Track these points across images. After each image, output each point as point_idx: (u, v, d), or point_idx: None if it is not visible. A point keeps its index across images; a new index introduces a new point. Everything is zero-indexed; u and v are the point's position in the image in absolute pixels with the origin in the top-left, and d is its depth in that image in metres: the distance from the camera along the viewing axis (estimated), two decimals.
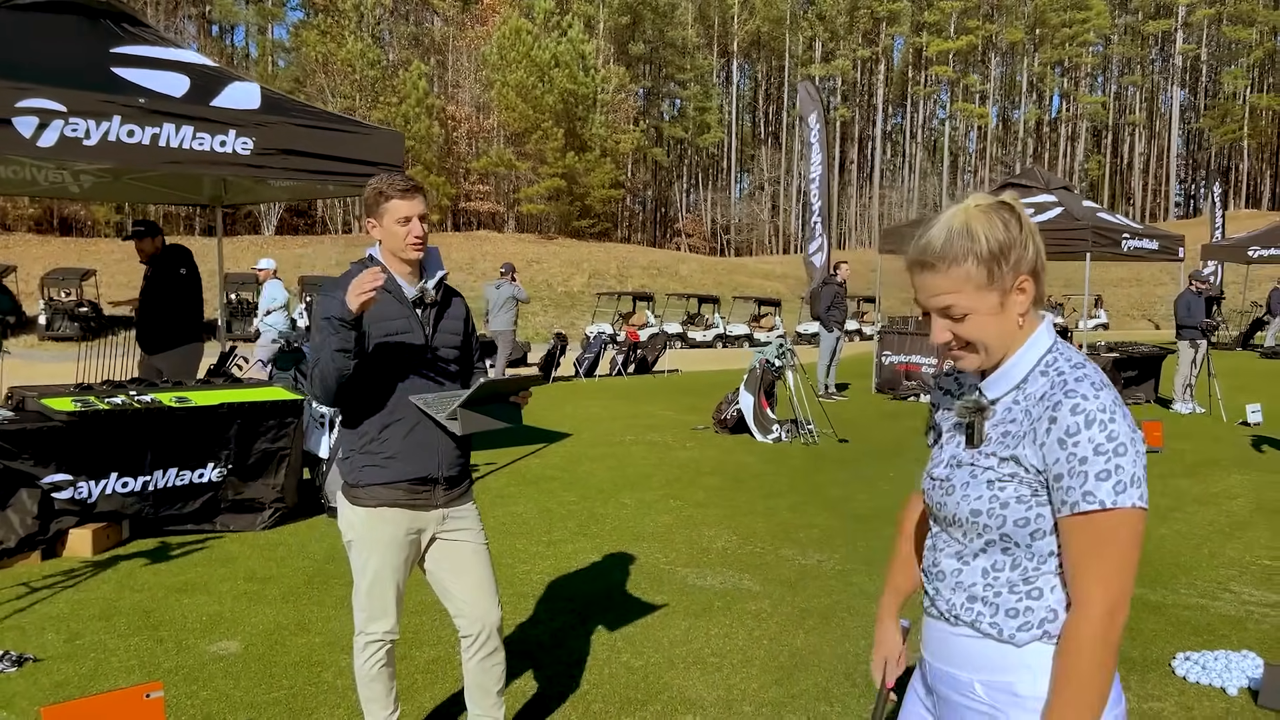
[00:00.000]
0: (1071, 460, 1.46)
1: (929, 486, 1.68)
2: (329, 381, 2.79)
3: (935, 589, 1.65)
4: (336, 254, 42.19)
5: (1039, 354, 1.57)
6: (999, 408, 1.58)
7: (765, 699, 3.73)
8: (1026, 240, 1.54)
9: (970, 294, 1.53)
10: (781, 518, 6.60)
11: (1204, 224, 30.57)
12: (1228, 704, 3.75)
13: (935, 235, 1.55)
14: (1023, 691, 1.52)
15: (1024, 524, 1.52)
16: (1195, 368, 12.53)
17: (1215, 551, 5.92)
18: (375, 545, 2.90)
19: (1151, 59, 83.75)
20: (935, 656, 1.66)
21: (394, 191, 2.83)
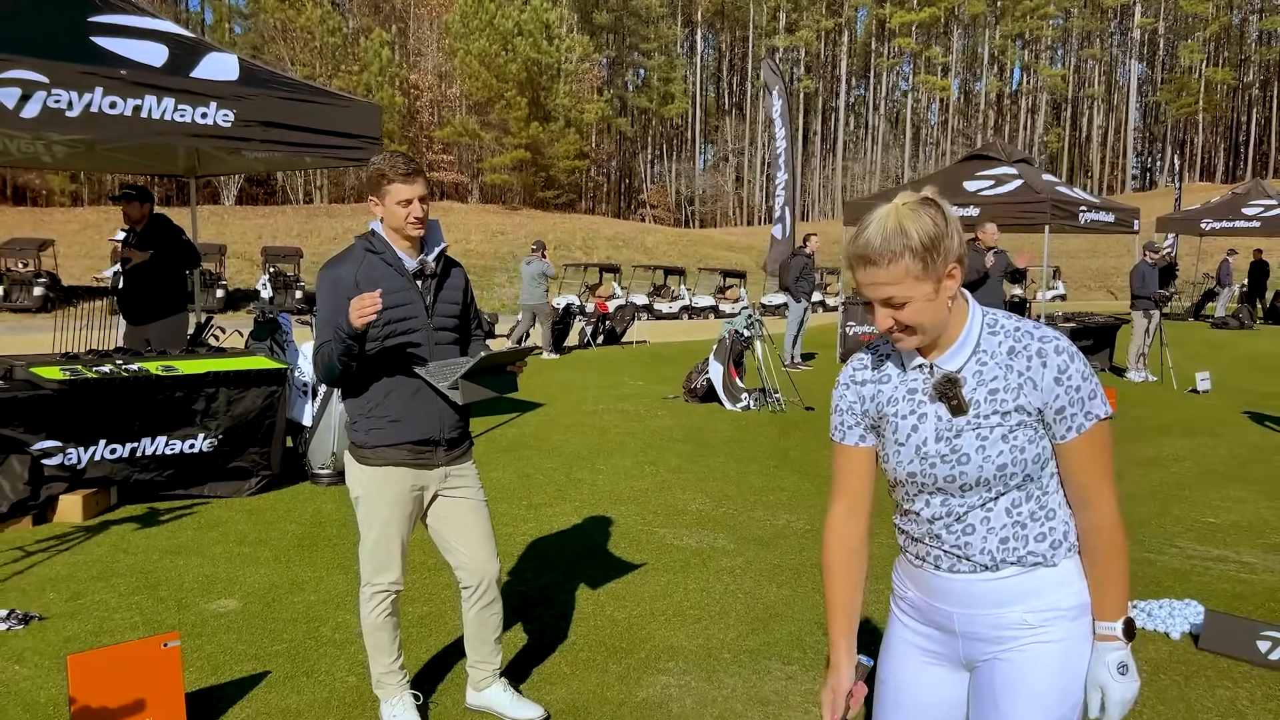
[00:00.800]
0: (1070, 392, 1.74)
1: (922, 466, 1.81)
2: (333, 373, 2.99)
3: (962, 548, 1.82)
4: (298, 224, 41.79)
5: (979, 322, 1.80)
6: (966, 374, 1.78)
7: (743, 647, 3.96)
8: (952, 232, 1.72)
9: (909, 284, 1.71)
10: (751, 481, 6.84)
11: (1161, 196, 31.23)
12: (1171, 647, 4.04)
13: (873, 234, 1.71)
14: (1063, 604, 1.79)
15: (1038, 459, 1.77)
16: (1148, 337, 12.94)
17: (1163, 510, 6.24)
18: (381, 502, 3.07)
19: (1111, 32, 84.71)
20: (970, 606, 1.83)
21: (396, 175, 2.97)
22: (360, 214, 47.42)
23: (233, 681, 3.55)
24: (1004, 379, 1.76)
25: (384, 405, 3.05)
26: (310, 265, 31.51)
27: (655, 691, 3.55)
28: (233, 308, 25.12)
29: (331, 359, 2.93)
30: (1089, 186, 78.46)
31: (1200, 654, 3.96)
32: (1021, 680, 1.78)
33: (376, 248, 3.08)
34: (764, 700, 3.48)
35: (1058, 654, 1.78)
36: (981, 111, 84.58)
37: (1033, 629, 1.79)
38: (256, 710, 3.34)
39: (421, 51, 66.14)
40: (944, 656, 1.92)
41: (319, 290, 3.05)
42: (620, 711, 3.39)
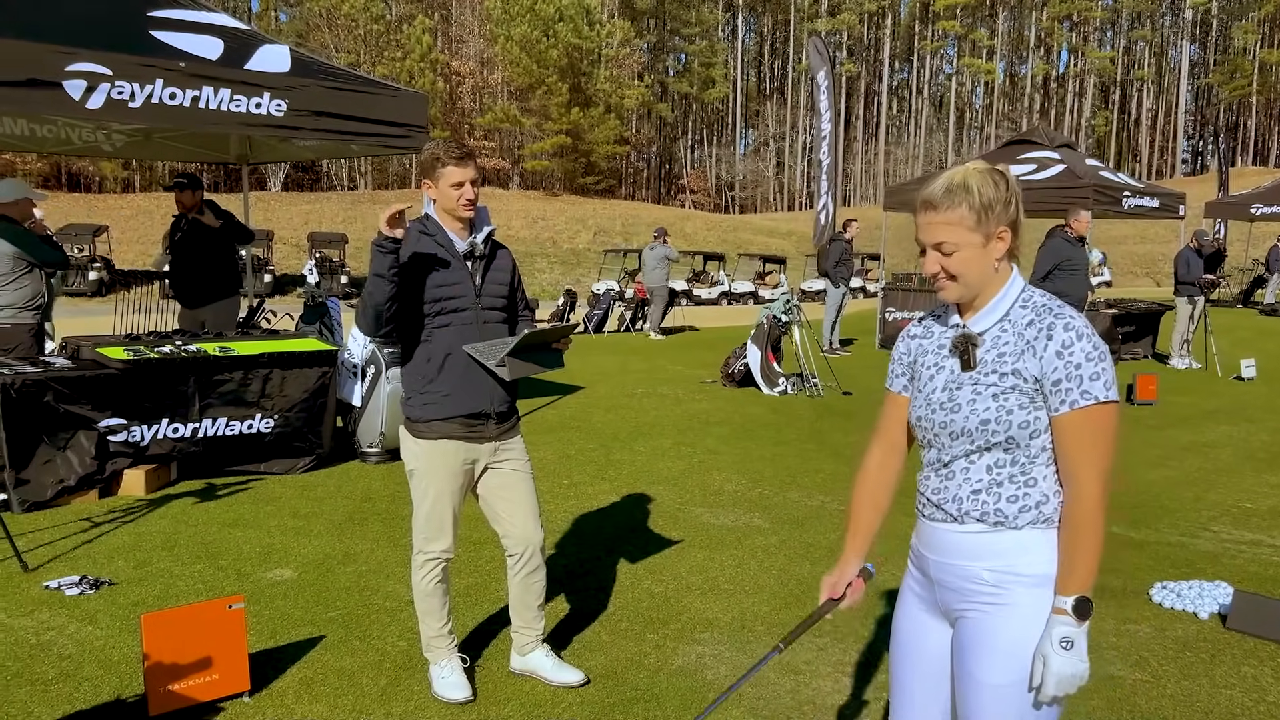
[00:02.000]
0: (1069, 366, 1.83)
1: (927, 411, 1.99)
2: (372, 309, 3.13)
3: (939, 493, 1.99)
4: (343, 211, 42.35)
5: (1017, 293, 1.94)
6: (987, 337, 1.94)
7: (775, 620, 4.10)
8: (1010, 200, 1.90)
9: (960, 233, 1.89)
10: (788, 464, 6.96)
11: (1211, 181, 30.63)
12: (1199, 627, 4.11)
13: (940, 184, 1.92)
14: (1023, 570, 1.88)
15: (1025, 426, 1.87)
16: (1192, 324, 12.83)
17: (1199, 496, 6.27)
18: (435, 474, 3.25)
19: (1162, 13, 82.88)
20: (942, 554, 1.99)
21: (449, 158, 3.14)
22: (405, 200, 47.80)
23: (291, 644, 3.76)
24: (1013, 345, 1.90)
25: (438, 381, 3.21)
26: (355, 251, 31.97)
27: (690, 660, 3.70)
28: (280, 292, 25.62)
29: (369, 290, 3.08)
30: (1137, 171, 77.03)
31: (1227, 633, 4.03)
32: (983, 638, 1.90)
33: (429, 230, 3.25)
34: (795, 670, 3.62)
35: (1017, 618, 1.87)
36: (1027, 95, 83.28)
37: (992, 587, 1.90)
38: (313, 671, 3.54)
39: (463, 38, 66.46)
40: (930, 604, 2.07)
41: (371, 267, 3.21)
42: (656, 678, 3.55)
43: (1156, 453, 7.52)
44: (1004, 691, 1.88)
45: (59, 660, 3.56)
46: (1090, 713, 3.32)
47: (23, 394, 5.29)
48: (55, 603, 4.08)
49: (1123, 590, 4.51)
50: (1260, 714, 3.35)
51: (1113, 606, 4.29)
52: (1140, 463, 7.15)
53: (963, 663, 1.95)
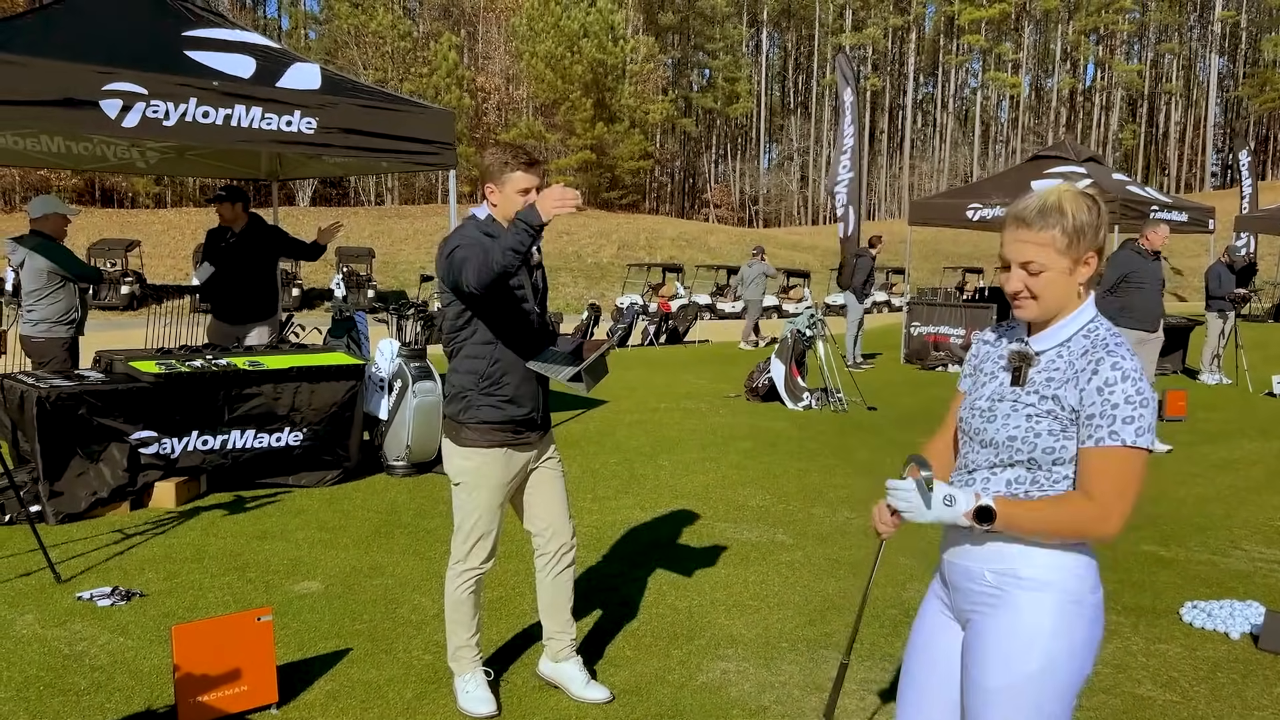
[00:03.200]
0: (1105, 404, 1.85)
1: (970, 415, 2.05)
2: (487, 274, 2.93)
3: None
4: (370, 225, 42.70)
5: (1084, 321, 1.95)
6: (1044, 359, 1.96)
7: (800, 637, 4.09)
8: (1100, 225, 1.91)
9: (1050, 254, 1.90)
10: (812, 479, 6.94)
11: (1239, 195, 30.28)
12: (1230, 647, 4.06)
13: (1034, 202, 1.92)
14: (1023, 574, 1.93)
15: (1049, 451, 1.91)
16: (1223, 339, 12.69)
17: (1230, 513, 6.20)
18: (484, 486, 3.25)
19: (1190, 25, 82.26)
20: (955, 556, 2.05)
21: (519, 163, 3.14)
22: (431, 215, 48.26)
23: (318, 657, 3.79)
24: (1063, 372, 1.92)
25: (499, 384, 3.21)
26: (381, 265, 32.25)
27: (714, 676, 3.70)
28: (308, 306, 25.86)
29: (496, 258, 2.90)
30: (1165, 185, 76.36)
31: (1260, 654, 3.98)
32: (982, 640, 1.97)
33: (493, 232, 3.19)
34: (820, 687, 3.61)
35: (1010, 621, 1.92)
36: (1053, 109, 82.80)
37: (994, 589, 1.96)
38: (340, 684, 3.57)
39: (489, 54, 67.03)
40: (948, 606, 2.12)
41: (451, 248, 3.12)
42: (680, 694, 3.55)
43: (1186, 469, 7.44)
44: (998, 695, 1.93)
45: (91, 671, 3.61)
46: None
47: (57, 407, 5.38)
48: (87, 614, 4.14)
49: (1152, 609, 4.46)
50: None
51: (1142, 626, 4.25)
52: (1170, 479, 7.08)
53: (966, 667, 2.01)
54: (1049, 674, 1.89)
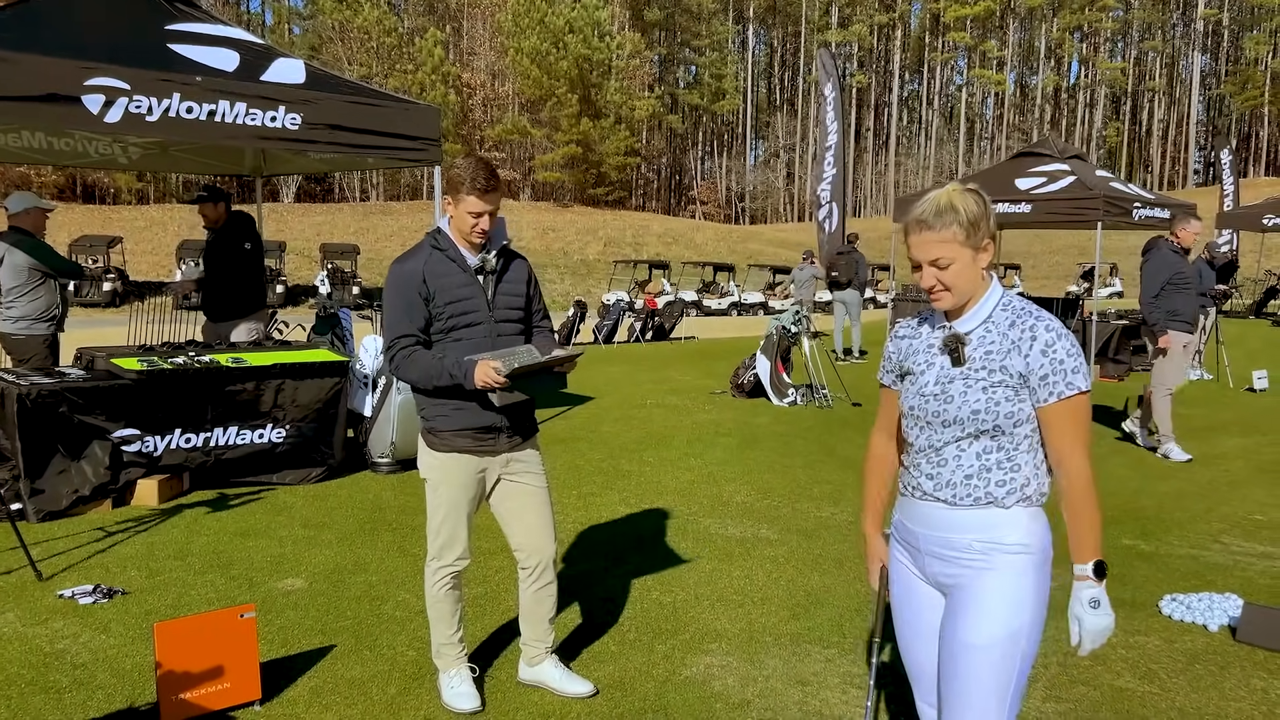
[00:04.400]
0: (1053, 363, 2.08)
1: (922, 401, 2.21)
2: (415, 383, 3.24)
3: (931, 477, 2.21)
4: (355, 222, 42.56)
5: (996, 298, 2.19)
6: (973, 337, 2.17)
7: (784, 631, 4.11)
8: (989, 215, 2.15)
9: (954, 248, 2.12)
10: (796, 475, 6.97)
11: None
12: (1208, 639, 4.11)
13: (929, 206, 2.13)
14: (1006, 540, 2.14)
15: (1010, 416, 2.12)
16: (1204, 335, 12.78)
17: (1210, 508, 6.25)
18: (448, 485, 3.27)
19: (1173, 24, 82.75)
20: (934, 529, 2.22)
21: (474, 188, 3.16)
22: (416, 211, 48.12)
23: (301, 654, 3.78)
24: (999, 345, 2.14)
25: (448, 393, 3.24)
26: (366, 262, 32.13)
27: (699, 670, 3.72)
28: (292, 303, 25.74)
29: (428, 380, 3.19)
30: (1149, 182, 76.83)
31: (1237, 645, 4.03)
32: (969, 602, 2.14)
33: (441, 245, 3.28)
34: (803, 681, 3.63)
35: (996, 582, 2.12)
36: (1038, 106, 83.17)
37: (980, 556, 2.14)
38: (323, 680, 3.57)
39: (474, 50, 66.83)
40: (920, 573, 2.28)
41: (388, 285, 3.26)
42: (665, 688, 3.56)
43: (1167, 464, 7.50)
44: (983, 653, 2.10)
45: (72, 669, 3.60)
46: None
47: (38, 404, 5.35)
48: (69, 612, 4.12)
49: (1132, 602, 4.50)
50: None
51: (1121, 618, 4.29)
52: (1151, 475, 7.14)
53: (952, 628, 2.16)
54: (1033, 625, 2.12)
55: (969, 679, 2.12)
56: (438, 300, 3.23)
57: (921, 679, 2.36)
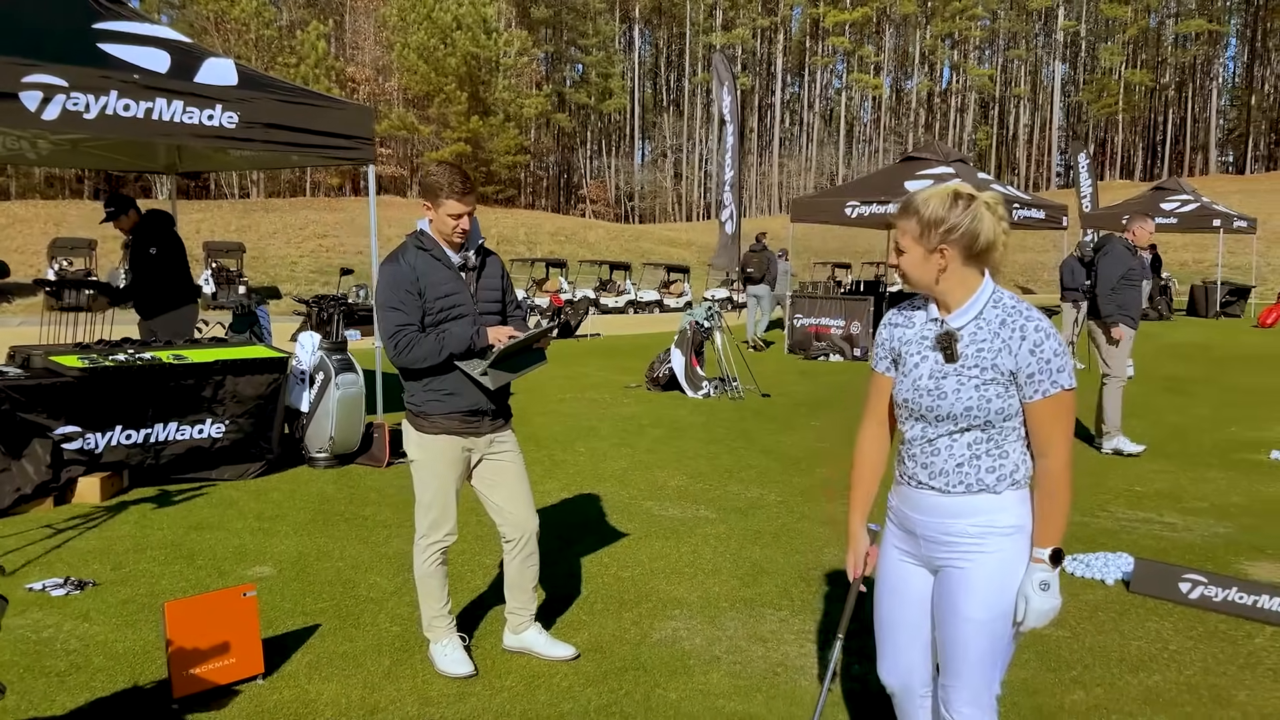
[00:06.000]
0: (1041, 362, 2.21)
1: (916, 395, 2.33)
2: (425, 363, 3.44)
3: (925, 467, 2.35)
4: (236, 219, 41.29)
5: (987, 296, 2.30)
6: (964, 333, 2.29)
7: (738, 597, 4.47)
8: (958, 224, 2.24)
9: (907, 240, 2.30)
10: (723, 461, 7.36)
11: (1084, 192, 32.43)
12: (1106, 592, 4.64)
13: (909, 197, 2.33)
14: (1000, 523, 2.29)
15: (1000, 412, 2.26)
16: (1077, 327, 13.78)
17: (1097, 482, 6.89)
18: (438, 464, 3.51)
19: (1035, 33, 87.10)
20: (929, 514, 2.36)
21: (453, 193, 3.42)
22: (299, 209, 46.94)
23: (290, 633, 3.95)
24: (990, 343, 2.25)
25: (440, 381, 3.48)
26: (251, 260, 31.29)
27: (667, 633, 4.04)
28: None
29: (433, 356, 3.41)
30: (1016, 183, 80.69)
31: (1131, 596, 4.57)
32: (967, 581, 2.30)
33: (426, 245, 3.53)
34: (763, 638, 3.99)
35: (994, 562, 2.28)
36: (913, 110, 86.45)
37: (973, 539, 2.29)
38: (318, 654, 3.75)
39: (359, 45, 65.57)
40: (914, 556, 2.45)
41: (382, 284, 3.48)
42: (639, 649, 3.87)
43: None
44: (984, 625, 2.28)
45: (65, 654, 3.68)
46: (1025, 664, 3.78)
47: None
48: (44, 603, 4.17)
49: None
50: (1163, 660, 3.86)
51: None
52: None
53: (952, 604, 2.32)
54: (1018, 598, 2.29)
55: (969, 649, 2.29)
56: (428, 296, 3.47)
57: (889, 650, 2.50)
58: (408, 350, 3.42)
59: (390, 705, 3.37)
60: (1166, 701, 3.49)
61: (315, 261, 35.46)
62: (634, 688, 3.54)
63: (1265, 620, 4.25)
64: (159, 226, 7.35)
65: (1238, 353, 15.80)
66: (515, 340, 3.48)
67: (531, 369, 3.67)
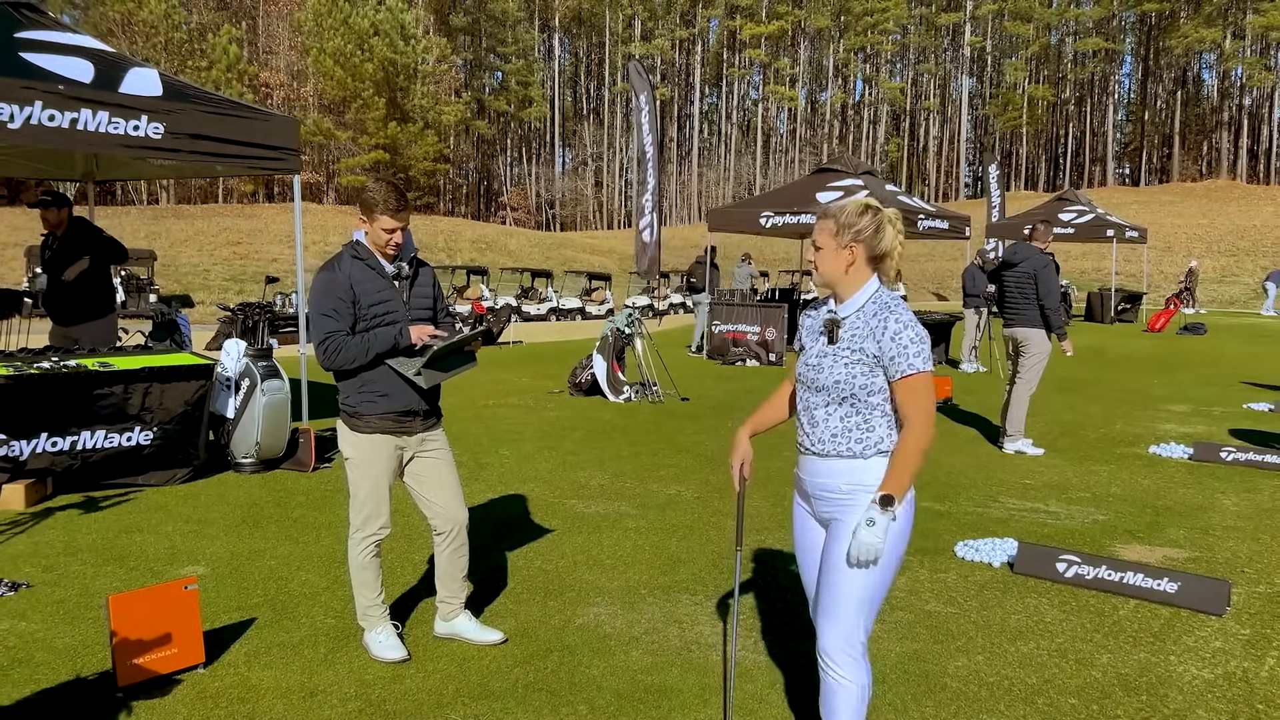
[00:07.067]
0: (898, 347, 2.64)
1: (804, 369, 2.80)
2: (354, 364, 3.66)
3: (809, 434, 2.79)
4: (145, 226, 40.33)
5: (870, 293, 2.76)
6: (847, 323, 2.74)
7: (656, 585, 4.76)
8: (868, 230, 2.71)
9: (824, 238, 2.75)
10: (643, 461, 7.66)
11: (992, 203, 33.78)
12: (993, 573, 5.06)
13: (830, 205, 2.79)
14: (866, 482, 2.72)
15: (864, 387, 2.70)
16: (979, 332, 14.47)
17: (989, 476, 7.39)
18: (372, 462, 3.73)
19: (944, 48, 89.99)
20: (814, 476, 2.80)
21: (387, 209, 3.65)
22: (212, 215, 45.99)
23: (227, 626, 4.11)
24: (862, 330, 2.70)
25: (374, 383, 3.71)
26: (163, 268, 30.64)
27: (590, 619, 4.31)
28: None
29: (360, 357, 3.64)
30: (926, 194, 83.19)
31: (1015, 576, 4.99)
32: (840, 532, 2.71)
33: (361, 255, 3.75)
34: (679, 620, 4.29)
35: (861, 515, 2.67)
36: (827, 121, 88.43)
37: (847, 495, 2.71)
38: (256, 645, 3.92)
39: (273, 49, 64.43)
40: (812, 515, 2.89)
41: (314, 290, 3.69)
42: (564, 633, 4.13)
43: (954, 442, 8.69)
44: (847, 573, 2.70)
45: (5, 650, 3.79)
46: (915, 637, 4.15)
47: None
48: None
49: (934, 549, 5.43)
50: (1039, 631, 4.27)
51: (926, 561, 5.20)
52: (942, 451, 8.27)
53: (827, 552, 2.76)
54: (889, 553, 2.68)
55: (837, 591, 2.68)
56: (362, 303, 3.70)
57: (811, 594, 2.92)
58: (336, 354, 3.63)
59: (329, 688, 3.57)
60: (1038, 665, 3.89)
61: (229, 269, 34.85)
62: (559, 666, 3.80)
63: (1130, 594, 4.71)
64: (92, 233, 7.34)
65: (1129, 355, 16.76)
66: (448, 342, 3.72)
67: (463, 369, 3.91)
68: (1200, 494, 6.79)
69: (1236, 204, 57.39)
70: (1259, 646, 4.10)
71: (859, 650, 2.72)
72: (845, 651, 2.71)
